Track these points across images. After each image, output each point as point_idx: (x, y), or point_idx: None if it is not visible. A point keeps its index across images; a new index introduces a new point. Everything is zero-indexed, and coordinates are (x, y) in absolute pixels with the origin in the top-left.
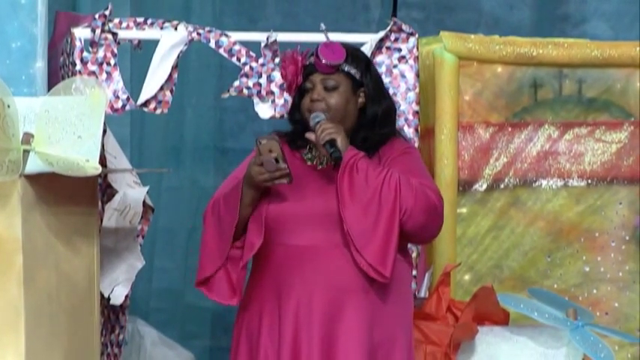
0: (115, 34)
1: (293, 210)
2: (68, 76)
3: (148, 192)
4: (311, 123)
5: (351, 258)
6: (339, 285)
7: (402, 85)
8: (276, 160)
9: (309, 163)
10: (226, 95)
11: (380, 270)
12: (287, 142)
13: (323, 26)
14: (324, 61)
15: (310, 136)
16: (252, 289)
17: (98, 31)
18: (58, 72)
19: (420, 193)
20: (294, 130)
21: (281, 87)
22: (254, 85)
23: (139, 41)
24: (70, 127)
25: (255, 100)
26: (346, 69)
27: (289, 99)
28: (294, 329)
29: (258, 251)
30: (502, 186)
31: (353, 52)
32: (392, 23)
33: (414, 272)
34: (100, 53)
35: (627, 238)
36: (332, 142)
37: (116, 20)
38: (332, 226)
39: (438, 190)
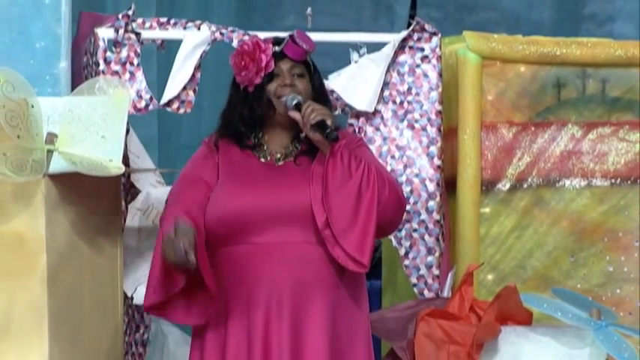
0: (138, 34)
1: (258, 209)
2: (92, 76)
3: None
4: (289, 103)
5: (321, 253)
6: (306, 280)
7: (424, 85)
8: (187, 248)
9: (263, 160)
10: None
11: (359, 259)
12: (236, 142)
13: (309, 10)
14: (305, 47)
15: (295, 115)
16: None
17: (121, 31)
18: (81, 72)
19: (392, 188)
20: (238, 129)
21: None
22: None
23: (162, 41)
24: (93, 127)
25: None
26: (308, 60)
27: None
28: (265, 326)
29: (222, 251)
30: (525, 186)
31: None
32: (415, 23)
33: (437, 272)
34: (124, 53)
35: None
36: (322, 124)
37: (139, 20)
38: (299, 221)
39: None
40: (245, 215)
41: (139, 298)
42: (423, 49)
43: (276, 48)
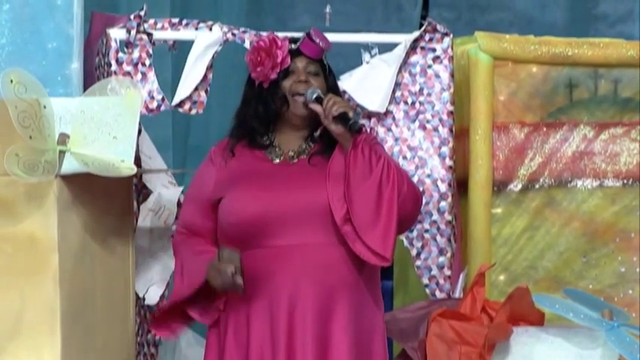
0: (150, 35)
1: (275, 210)
2: (104, 77)
3: (182, 192)
4: (309, 97)
5: (342, 253)
6: (329, 282)
7: (436, 86)
8: (234, 273)
9: (276, 161)
10: None
11: (382, 253)
12: (247, 142)
13: (329, 8)
14: (321, 45)
15: (316, 107)
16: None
17: (133, 31)
18: (93, 72)
19: (410, 183)
20: (252, 126)
21: None
22: None
23: (174, 42)
24: (105, 128)
25: None
26: (324, 59)
27: None
28: (288, 329)
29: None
30: (537, 186)
31: None
32: (426, 23)
33: (448, 273)
34: (135, 54)
35: None
36: (344, 115)
37: (151, 21)
38: (318, 221)
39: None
40: (263, 218)
41: (150, 298)
42: (434, 50)
43: (293, 46)
